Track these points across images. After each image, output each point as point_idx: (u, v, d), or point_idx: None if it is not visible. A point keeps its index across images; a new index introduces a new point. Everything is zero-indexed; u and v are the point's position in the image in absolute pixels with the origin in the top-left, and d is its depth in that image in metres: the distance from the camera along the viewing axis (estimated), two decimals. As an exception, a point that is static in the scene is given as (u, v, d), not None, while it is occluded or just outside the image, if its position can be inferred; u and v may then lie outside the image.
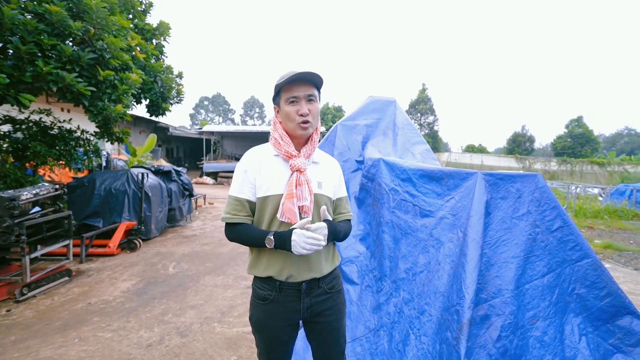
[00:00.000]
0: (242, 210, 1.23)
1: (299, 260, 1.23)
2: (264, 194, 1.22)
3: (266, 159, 1.26)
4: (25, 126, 6.00)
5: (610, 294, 1.68)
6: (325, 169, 1.35)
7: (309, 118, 1.22)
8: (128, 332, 2.57)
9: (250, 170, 1.23)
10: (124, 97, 4.87)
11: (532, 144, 37.88)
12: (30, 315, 2.82)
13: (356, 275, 2.66)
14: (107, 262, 4.35)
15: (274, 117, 1.32)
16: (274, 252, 1.22)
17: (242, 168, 1.25)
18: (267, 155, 1.27)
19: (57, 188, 3.66)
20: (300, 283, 1.24)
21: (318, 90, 1.29)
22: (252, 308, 1.29)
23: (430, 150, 3.68)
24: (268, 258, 1.23)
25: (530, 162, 25.94)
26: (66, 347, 2.33)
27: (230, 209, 1.23)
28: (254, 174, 1.23)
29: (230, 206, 1.23)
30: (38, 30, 3.99)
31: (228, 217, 1.23)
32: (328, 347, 1.34)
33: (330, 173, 1.36)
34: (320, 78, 1.25)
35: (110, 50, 4.61)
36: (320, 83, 1.28)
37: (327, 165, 1.37)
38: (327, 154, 1.46)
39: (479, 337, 1.56)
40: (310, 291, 1.26)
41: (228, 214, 1.23)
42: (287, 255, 1.21)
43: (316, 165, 1.32)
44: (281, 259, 1.22)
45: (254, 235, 1.19)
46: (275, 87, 1.25)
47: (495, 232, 1.78)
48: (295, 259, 1.22)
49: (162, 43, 7.22)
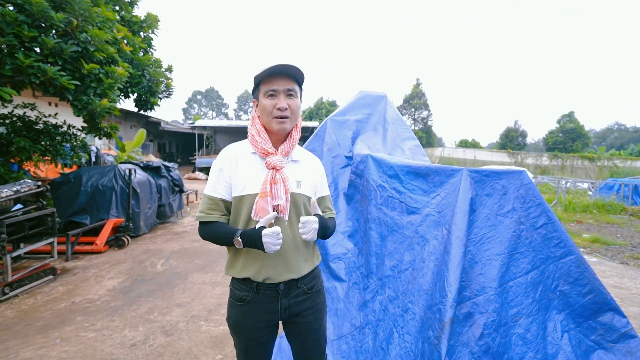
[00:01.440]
0: (217, 209, 1.19)
1: (277, 261, 1.19)
2: (240, 194, 1.18)
3: (243, 156, 1.21)
4: (9, 121, 5.85)
5: (592, 290, 1.69)
6: (305, 167, 1.30)
7: (286, 113, 1.17)
8: (112, 331, 2.52)
9: (226, 168, 1.19)
10: (109, 92, 4.76)
11: (524, 139, 38.24)
12: (12, 315, 2.76)
13: (344, 272, 2.64)
14: (94, 259, 4.28)
15: (253, 111, 1.27)
16: (251, 253, 1.18)
17: (217, 166, 1.21)
18: (245, 152, 1.22)
19: (39, 185, 3.57)
20: (278, 284, 1.21)
21: (299, 86, 1.25)
22: (230, 309, 1.25)
23: (420, 146, 3.66)
24: (245, 259, 1.20)
25: (522, 157, 26.18)
26: (47, 348, 2.28)
27: (204, 208, 1.20)
28: (229, 172, 1.19)
29: (205, 205, 1.20)
30: (18, 21, 3.86)
31: (202, 215, 1.19)
32: (308, 347, 1.32)
33: (311, 172, 1.31)
34: (302, 73, 1.21)
35: (95, 42, 4.48)
36: (301, 78, 1.23)
37: (308, 164, 1.33)
38: (308, 152, 1.41)
39: (461, 335, 1.55)
40: (288, 292, 1.23)
41: (202, 212, 1.19)
42: (265, 257, 1.18)
43: (296, 163, 1.28)
44: (259, 260, 1.18)
45: (223, 234, 1.16)
46: (254, 79, 1.20)
47: (480, 229, 1.77)
48: (273, 260, 1.19)
49: (150, 36, 7.06)
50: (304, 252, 1.27)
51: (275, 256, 1.19)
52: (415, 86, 40.92)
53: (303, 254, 1.26)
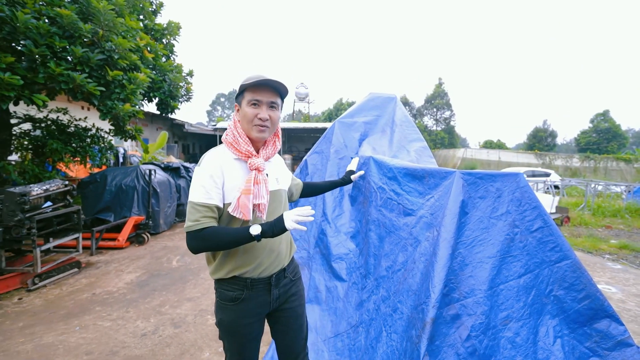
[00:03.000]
0: (211, 215, 1.16)
1: (272, 254, 1.28)
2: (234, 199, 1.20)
3: (227, 163, 1.23)
4: (44, 124, 6.32)
5: (588, 296, 1.64)
6: (277, 165, 1.44)
7: (267, 123, 1.25)
8: (126, 321, 2.70)
9: (216, 175, 1.18)
10: (132, 97, 5.05)
11: (553, 140, 36.41)
12: (39, 303, 3.01)
13: (345, 272, 2.69)
14: (115, 254, 4.55)
15: (234, 115, 1.33)
16: (246, 250, 1.23)
17: (206, 173, 1.18)
18: (228, 159, 1.24)
19: (67, 184, 3.86)
20: (271, 276, 1.29)
21: (282, 99, 1.32)
22: (221, 312, 1.27)
23: (427, 148, 3.64)
24: (239, 258, 1.23)
25: (550, 159, 24.96)
26: (67, 334, 2.48)
27: (198, 216, 1.13)
28: (220, 179, 1.19)
29: (198, 213, 1.14)
30: (50, 33, 4.19)
31: (196, 223, 1.12)
32: (293, 333, 1.39)
33: (281, 168, 1.47)
34: (286, 88, 1.28)
35: (119, 51, 4.77)
36: (285, 93, 1.30)
37: (278, 162, 1.47)
38: (279, 156, 1.52)
39: (448, 337, 1.56)
40: (278, 282, 1.32)
41: (196, 220, 1.13)
42: (261, 252, 1.25)
43: (270, 162, 1.38)
44: (257, 255, 1.24)
45: (232, 232, 1.13)
46: (240, 87, 1.25)
47: (472, 231, 1.77)
48: (266, 253, 1.26)
49: (172, 42, 7.41)
50: (287, 242, 1.38)
51: (270, 250, 1.27)
52: (438, 86, 40.04)
53: (287, 244, 1.37)
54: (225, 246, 1.16)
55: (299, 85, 27.14)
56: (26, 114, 6.07)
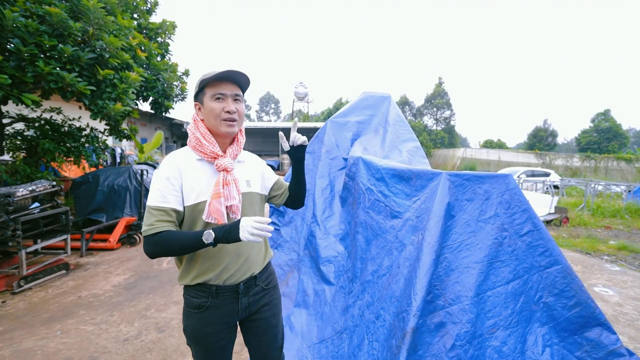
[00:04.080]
0: (168, 219, 1.11)
1: (238, 260, 1.21)
2: (194, 201, 1.15)
3: (189, 164, 1.17)
4: (38, 124, 6.26)
5: (579, 303, 1.58)
6: (250, 166, 1.34)
7: (235, 116, 1.19)
8: (109, 325, 2.64)
9: (173, 177, 1.13)
10: (123, 96, 4.98)
11: (554, 139, 36.31)
12: (23, 307, 2.95)
13: (333, 275, 2.63)
14: (106, 256, 4.49)
15: (194, 115, 1.25)
16: (210, 256, 1.17)
17: (163, 175, 1.13)
18: (190, 160, 1.19)
19: (54, 185, 3.80)
20: (238, 284, 1.22)
21: (243, 92, 1.26)
22: (186, 319, 1.23)
23: (420, 148, 3.57)
24: (202, 263, 1.18)
25: (550, 158, 24.83)
26: (48, 339, 2.42)
27: (153, 220, 1.08)
28: (178, 181, 1.14)
29: (154, 217, 1.09)
30: (39, 31, 4.12)
31: (151, 227, 1.07)
32: (266, 345, 1.32)
33: (255, 169, 1.36)
34: (248, 80, 1.23)
35: (110, 50, 4.70)
36: (246, 85, 1.26)
37: (252, 163, 1.37)
38: (248, 152, 1.41)
39: (431, 346, 1.50)
40: (247, 290, 1.25)
41: (151, 225, 1.08)
42: (227, 258, 1.19)
43: (242, 164, 1.30)
44: (220, 262, 1.18)
45: (185, 237, 1.07)
46: (199, 83, 1.19)
47: (458, 235, 1.70)
48: (232, 258, 1.20)
49: (167, 41, 7.34)
50: (261, 248, 1.30)
51: (237, 255, 1.21)
52: (438, 85, 39.95)
53: (259, 250, 1.29)
54: (179, 251, 1.09)
55: (297, 84, 27.07)
56: (19, 114, 6.01)
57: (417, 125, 34.06)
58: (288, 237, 3.56)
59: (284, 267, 3.37)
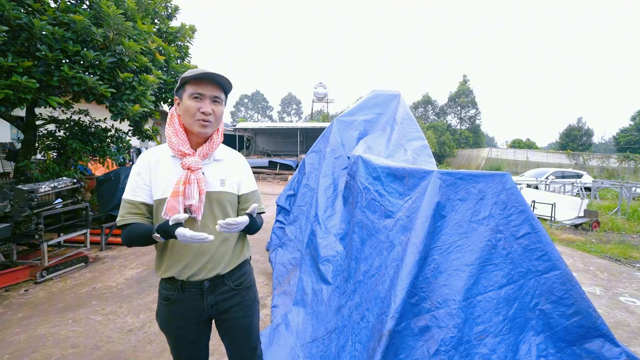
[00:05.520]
0: (137, 212, 1.19)
1: (201, 258, 1.21)
2: (160, 196, 1.18)
3: (162, 160, 1.22)
4: (67, 125, 6.67)
5: (579, 312, 1.47)
6: (229, 165, 1.32)
7: (210, 118, 1.20)
8: (117, 316, 2.76)
9: (144, 172, 1.20)
10: (141, 98, 5.20)
11: (589, 139, 34.12)
12: (42, 295, 3.15)
13: (330, 275, 2.61)
14: (123, 250, 4.71)
15: (173, 109, 1.27)
16: (175, 252, 1.21)
17: (136, 170, 1.21)
18: (165, 156, 1.23)
19: (74, 182, 4.02)
20: (202, 281, 1.23)
21: (225, 95, 1.27)
22: (158, 308, 1.29)
23: (427, 147, 3.48)
24: (169, 258, 1.22)
25: (584, 159, 23.37)
26: (60, 327, 2.57)
27: (124, 212, 1.19)
28: (148, 176, 1.19)
29: (124, 209, 1.19)
30: (64, 38, 4.39)
31: (121, 219, 1.18)
32: (238, 344, 1.33)
33: (235, 169, 1.33)
34: (230, 84, 1.23)
35: (129, 54, 4.92)
36: (228, 87, 1.26)
37: (232, 162, 1.34)
38: (233, 150, 1.40)
39: (414, 350, 1.45)
40: (214, 289, 1.25)
41: (121, 216, 1.18)
42: (189, 255, 1.20)
43: (219, 162, 1.29)
44: (183, 258, 1.21)
45: (141, 232, 1.14)
46: (181, 79, 1.21)
47: (448, 236, 1.64)
48: (197, 257, 1.21)
49: (186, 45, 7.58)
50: (231, 249, 1.28)
51: (200, 253, 1.21)
52: (462, 83, 38.70)
53: (229, 251, 1.27)
54: (143, 242, 1.15)
55: (317, 85, 27.13)
56: (50, 116, 6.42)
57: (440, 125, 33.12)
58: (292, 236, 3.57)
59: (287, 266, 3.38)
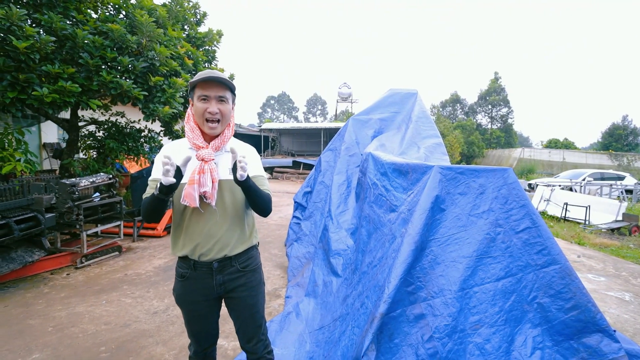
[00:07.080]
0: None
1: (210, 240, 1.36)
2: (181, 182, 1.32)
3: (182, 151, 1.36)
4: (106, 126, 7.23)
5: (577, 306, 1.46)
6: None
7: (217, 117, 1.34)
8: (144, 300, 3.01)
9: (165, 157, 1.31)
10: (171, 100, 5.56)
11: (635, 138, 31.53)
12: (81, 279, 3.48)
13: (340, 268, 2.70)
14: (153, 242, 5.05)
15: (189, 109, 1.44)
16: (188, 233, 1.36)
17: (159, 156, 1.36)
18: (184, 147, 1.39)
19: (111, 177, 4.39)
20: (212, 262, 1.37)
21: (232, 92, 1.40)
22: (175, 284, 1.46)
23: (441, 145, 3.48)
24: (183, 238, 1.37)
25: (629, 160, 21.66)
26: (95, 306, 2.85)
27: (147, 190, 1.37)
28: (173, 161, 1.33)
29: (149, 188, 1.37)
30: (103, 46, 4.80)
31: (144, 196, 1.34)
32: (244, 321, 1.46)
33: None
34: (231, 82, 1.37)
35: (160, 58, 5.28)
36: (233, 86, 1.39)
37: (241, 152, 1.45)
38: (243, 143, 1.54)
39: (409, 336, 1.51)
40: (222, 269, 1.39)
41: (146, 194, 1.35)
42: (199, 236, 1.35)
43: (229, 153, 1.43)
44: (194, 239, 1.35)
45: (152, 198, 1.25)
46: (190, 83, 1.38)
47: (447, 229, 1.68)
48: (204, 237, 1.35)
49: (213, 49, 7.96)
50: (239, 233, 1.41)
51: (209, 236, 1.36)
52: (493, 81, 37.16)
53: (237, 235, 1.41)
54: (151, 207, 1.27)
55: (341, 85, 27.17)
56: (91, 117, 7.00)
57: (468, 124, 31.99)
58: (307, 231, 3.69)
59: (301, 259, 3.50)
